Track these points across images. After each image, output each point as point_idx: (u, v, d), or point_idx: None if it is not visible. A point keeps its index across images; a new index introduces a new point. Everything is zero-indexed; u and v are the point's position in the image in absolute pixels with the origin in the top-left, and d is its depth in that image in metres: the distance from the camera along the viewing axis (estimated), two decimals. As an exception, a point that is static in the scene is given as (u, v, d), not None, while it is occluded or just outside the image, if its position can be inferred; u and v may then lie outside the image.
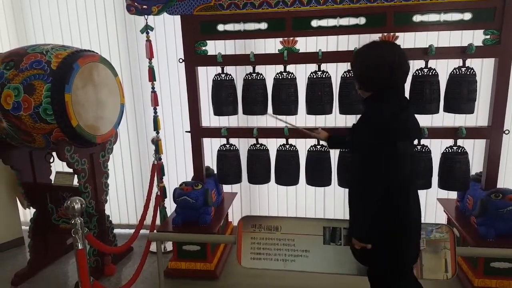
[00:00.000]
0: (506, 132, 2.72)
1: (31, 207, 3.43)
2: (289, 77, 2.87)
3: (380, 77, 1.84)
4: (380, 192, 1.78)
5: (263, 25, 2.80)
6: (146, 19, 2.99)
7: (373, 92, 1.89)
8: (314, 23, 2.73)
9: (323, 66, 2.85)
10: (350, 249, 2.06)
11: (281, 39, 2.81)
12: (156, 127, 3.27)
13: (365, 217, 1.85)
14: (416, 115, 2.03)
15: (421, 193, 3.57)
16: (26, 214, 4.18)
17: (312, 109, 2.89)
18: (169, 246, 3.60)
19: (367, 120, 1.89)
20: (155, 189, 3.36)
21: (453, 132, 2.77)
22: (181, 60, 2.94)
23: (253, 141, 3.04)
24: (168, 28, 3.71)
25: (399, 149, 1.77)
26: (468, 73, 2.66)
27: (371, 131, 1.80)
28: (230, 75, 2.97)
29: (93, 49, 3.35)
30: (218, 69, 2.99)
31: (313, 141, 2.99)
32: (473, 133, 2.78)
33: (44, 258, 3.43)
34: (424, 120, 3.11)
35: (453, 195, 3.25)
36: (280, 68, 2.90)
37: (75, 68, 2.77)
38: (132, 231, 3.28)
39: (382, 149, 1.76)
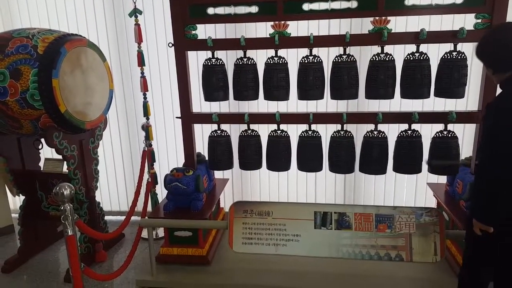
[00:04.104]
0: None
1: (20, 195, 3.40)
2: (280, 62, 2.84)
3: None
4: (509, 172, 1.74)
5: (254, 9, 2.75)
6: (135, 2, 2.93)
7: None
8: (306, 6, 2.69)
9: (315, 51, 2.82)
10: (466, 234, 2.11)
11: (272, 23, 2.77)
12: (146, 113, 3.23)
13: (492, 198, 1.81)
14: (407, 100, 2.01)
15: (411, 178, 3.65)
16: (16, 201, 4.15)
17: (303, 94, 2.87)
18: (160, 232, 3.60)
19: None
20: (146, 176, 3.34)
21: (443, 117, 2.78)
22: (170, 45, 2.89)
23: (244, 126, 3.02)
24: (157, 12, 3.64)
25: None
26: (459, 57, 2.65)
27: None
28: (220, 59, 2.93)
29: (81, 33, 3.29)
30: (208, 54, 2.95)
31: (304, 127, 2.98)
32: (463, 117, 2.79)
33: (35, 245, 3.42)
34: (415, 105, 3.12)
35: (442, 179, 3.28)
36: (271, 52, 2.87)
37: (62, 53, 2.72)
38: (123, 217, 3.27)
39: None
